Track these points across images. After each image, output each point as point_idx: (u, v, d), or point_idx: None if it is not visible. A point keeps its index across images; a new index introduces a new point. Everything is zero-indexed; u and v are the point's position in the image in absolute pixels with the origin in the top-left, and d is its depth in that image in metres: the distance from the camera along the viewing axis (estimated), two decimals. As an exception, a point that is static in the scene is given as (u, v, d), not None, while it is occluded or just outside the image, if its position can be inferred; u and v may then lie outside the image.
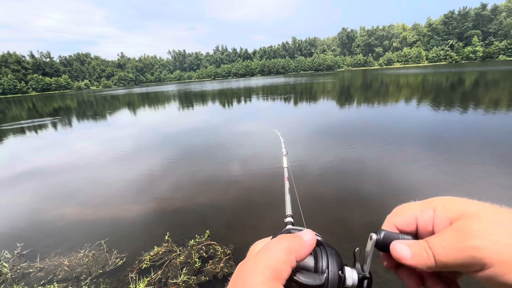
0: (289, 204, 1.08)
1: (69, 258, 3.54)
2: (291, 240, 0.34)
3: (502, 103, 12.04)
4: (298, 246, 0.34)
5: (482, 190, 4.46)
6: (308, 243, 0.35)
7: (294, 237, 0.36)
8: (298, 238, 0.35)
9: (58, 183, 6.37)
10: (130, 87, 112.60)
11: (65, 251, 3.72)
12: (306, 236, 0.36)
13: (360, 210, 4.16)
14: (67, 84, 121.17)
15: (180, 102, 25.21)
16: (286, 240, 0.34)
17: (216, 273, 3.09)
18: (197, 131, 11.42)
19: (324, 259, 0.36)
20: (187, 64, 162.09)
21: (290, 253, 0.33)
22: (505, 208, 0.32)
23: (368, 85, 29.35)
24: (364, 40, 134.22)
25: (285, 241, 0.34)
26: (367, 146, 7.26)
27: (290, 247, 0.33)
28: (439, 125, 9.06)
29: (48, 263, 3.48)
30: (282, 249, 0.33)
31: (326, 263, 0.36)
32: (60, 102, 40.26)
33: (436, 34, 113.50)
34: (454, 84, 22.70)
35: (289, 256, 0.33)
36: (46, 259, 3.56)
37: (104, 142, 10.61)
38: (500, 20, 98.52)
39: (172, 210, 4.62)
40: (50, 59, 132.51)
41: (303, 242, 0.35)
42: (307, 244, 0.35)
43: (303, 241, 0.35)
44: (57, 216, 4.73)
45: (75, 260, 3.50)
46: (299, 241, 0.35)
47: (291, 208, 1.07)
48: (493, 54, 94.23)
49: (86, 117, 19.34)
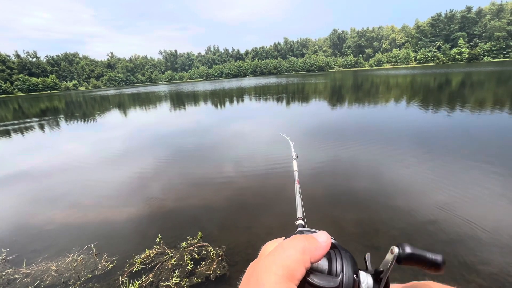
0: (300, 206, 1.07)
1: (57, 262, 3.45)
2: (305, 241, 0.34)
3: (488, 103, 12.44)
4: (312, 247, 0.34)
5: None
6: (323, 245, 0.35)
7: (308, 238, 0.35)
8: (312, 239, 0.35)
9: (45, 186, 6.20)
10: (120, 87, 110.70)
11: (52, 255, 3.62)
12: (321, 237, 0.36)
13: (353, 211, 4.21)
14: (54, 85, 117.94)
15: (172, 103, 24.95)
16: (300, 241, 0.34)
17: (209, 274, 3.07)
18: (187, 132, 11.32)
19: (339, 262, 0.36)
20: (178, 65, 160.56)
21: (305, 253, 0.32)
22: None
23: (359, 85, 29.77)
24: (355, 41, 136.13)
25: (299, 241, 0.34)
26: (358, 145, 7.37)
27: (305, 247, 0.33)
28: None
29: (35, 268, 3.38)
30: (297, 249, 0.32)
31: (340, 266, 0.35)
32: (47, 103, 39.22)
33: (424, 36, 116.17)
34: (454, 84, 23.28)
35: (304, 256, 0.32)
36: (33, 264, 3.46)
37: (93, 144, 10.39)
38: (485, 22, 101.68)
39: (164, 212, 4.56)
40: (36, 59, 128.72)
41: (318, 243, 0.35)
42: (322, 246, 0.34)
43: (318, 243, 0.35)
44: (45, 220, 4.60)
45: (63, 264, 3.41)
46: (314, 242, 0.34)
47: (302, 211, 1.06)
48: (478, 55, 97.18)
49: (75, 118, 18.90)
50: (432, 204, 4.12)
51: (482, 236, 3.32)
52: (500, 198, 4.15)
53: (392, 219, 3.84)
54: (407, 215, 3.91)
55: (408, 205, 4.15)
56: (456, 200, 4.17)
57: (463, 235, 3.36)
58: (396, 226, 3.67)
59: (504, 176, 4.82)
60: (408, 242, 0.87)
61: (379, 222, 3.79)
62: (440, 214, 3.83)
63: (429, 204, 4.15)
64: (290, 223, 3.92)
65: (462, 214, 3.80)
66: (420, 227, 3.61)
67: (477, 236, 3.32)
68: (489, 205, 3.99)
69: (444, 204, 4.09)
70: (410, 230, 3.58)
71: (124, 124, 15.00)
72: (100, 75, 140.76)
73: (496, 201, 4.07)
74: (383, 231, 3.60)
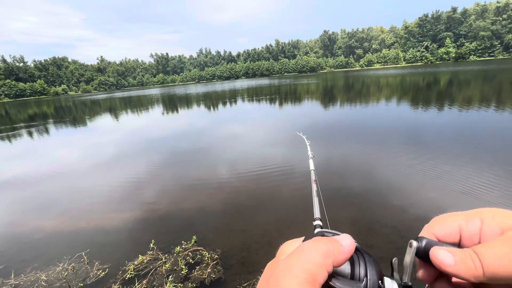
0: (317, 207, 1.04)
1: (46, 272, 3.36)
2: (328, 244, 0.33)
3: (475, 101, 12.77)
4: (336, 251, 0.32)
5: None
6: (347, 249, 0.33)
7: (331, 240, 0.34)
8: (336, 242, 0.34)
9: (34, 193, 6.04)
10: (111, 91, 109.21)
11: (42, 265, 3.52)
12: (344, 241, 0.34)
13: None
14: (43, 90, 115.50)
15: (164, 106, 24.73)
16: (323, 243, 0.33)
17: (204, 279, 3.03)
18: (179, 136, 11.24)
19: (362, 266, 0.34)
20: (170, 68, 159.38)
21: (328, 257, 0.31)
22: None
23: (351, 85, 30.14)
24: (345, 42, 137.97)
25: (322, 244, 0.33)
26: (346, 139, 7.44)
27: (328, 250, 0.32)
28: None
29: (23, 279, 3.28)
30: (319, 252, 0.31)
31: (364, 271, 0.33)
32: (35, 108, 38.35)
33: (412, 36, 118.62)
34: (441, 83, 23.77)
35: (326, 260, 0.31)
36: (22, 275, 3.36)
37: (84, 149, 10.19)
38: (470, 22, 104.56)
39: (157, 217, 4.50)
40: (23, 64, 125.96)
41: (342, 247, 0.33)
42: (345, 250, 0.33)
43: (342, 246, 0.33)
44: (33, 228, 4.48)
45: (53, 274, 3.32)
46: (337, 246, 0.33)
47: (319, 211, 1.02)
48: (464, 54, 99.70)
49: (65, 123, 18.52)
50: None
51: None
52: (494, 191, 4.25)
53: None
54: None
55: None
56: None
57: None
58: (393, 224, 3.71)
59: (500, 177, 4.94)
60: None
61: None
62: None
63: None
64: (285, 225, 3.92)
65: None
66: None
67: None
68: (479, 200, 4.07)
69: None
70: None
71: (115, 129, 14.79)
72: (90, 79, 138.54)
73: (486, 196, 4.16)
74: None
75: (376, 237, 3.47)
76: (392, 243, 3.30)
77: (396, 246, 3.22)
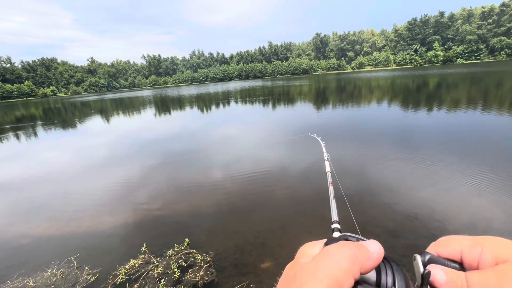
0: (335, 209, 1.01)
1: (34, 278, 3.27)
2: (355, 249, 0.31)
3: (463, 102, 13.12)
4: (363, 257, 0.31)
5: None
6: (375, 255, 0.32)
7: (358, 246, 0.32)
8: (363, 248, 0.32)
9: (21, 198, 5.88)
10: (102, 93, 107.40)
11: (30, 271, 3.43)
12: (372, 247, 0.33)
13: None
14: (31, 91, 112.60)
15: (156, 108, 24.49)
16: (349, 248, 0.31)
17: (196, 282, 3.01)
18: (171, 138, 11.15)
19: (390, 275, 0.32)
20: (162, 69, 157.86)
21: (355, 263, 0.30)
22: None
23: (342, 87, 30.52)
24: (337, 44, 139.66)
25: (349, 249, 0.31)
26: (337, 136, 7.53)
27: (355, 256, 0.30)
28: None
29: (10, 285, 3.19)
30: (346, 257, 0.30)
31: (392, 280, 0.32)
32: (23, 110, 37.39)
33: (402, 39, 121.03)
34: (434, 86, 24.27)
35: (353, 266, 0.29)
36: (8, 282, 3.26)
37: (74, 152, 9.98)
38: (457, 26, 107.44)
39: (149, 220, 4.45)
40: (11, 65, 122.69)
41: (369, 253, 0.32)
42: (373, 256, 0.32)
43: (370, 253, 0.32)
44: (21, 233, 4.36)
45: (41, 280, 3.24)
46: (365, 252, 0.31)
47: (337, 214, 0.99)
48: (452, 58, 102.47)
49: (54, 125, 18.11)
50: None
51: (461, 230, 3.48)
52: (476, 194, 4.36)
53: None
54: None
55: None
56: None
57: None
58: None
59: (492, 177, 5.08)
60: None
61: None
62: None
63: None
64: (280, 225, 3.93)
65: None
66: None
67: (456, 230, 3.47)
68: (465, 201, 4.19)
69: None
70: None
71: (106, 131, 14.55)
72: (80, 81, 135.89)
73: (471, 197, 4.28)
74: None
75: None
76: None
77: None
